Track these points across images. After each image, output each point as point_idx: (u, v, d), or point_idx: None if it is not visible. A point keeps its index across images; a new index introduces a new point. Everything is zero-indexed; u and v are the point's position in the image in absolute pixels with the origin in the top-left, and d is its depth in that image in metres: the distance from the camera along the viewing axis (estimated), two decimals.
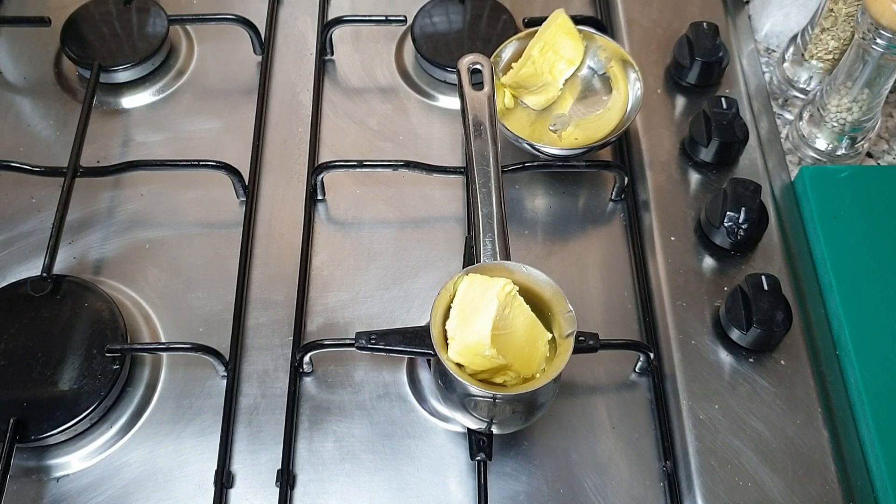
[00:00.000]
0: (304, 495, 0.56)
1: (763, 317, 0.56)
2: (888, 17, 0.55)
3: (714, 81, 0.72)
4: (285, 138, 0.72)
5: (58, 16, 0.76)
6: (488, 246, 0.52)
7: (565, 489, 0.56)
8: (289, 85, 0.76)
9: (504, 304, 0.49)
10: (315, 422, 0.58)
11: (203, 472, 0.56)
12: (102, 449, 0.57)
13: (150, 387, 0.60)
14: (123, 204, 0.68)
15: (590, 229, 0.67)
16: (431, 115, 0.74)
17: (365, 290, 0.64)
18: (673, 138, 0.69)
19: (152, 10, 0.76)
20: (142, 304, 0.63)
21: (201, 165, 0.67)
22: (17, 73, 0.77)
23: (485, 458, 0.54)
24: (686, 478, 0.55)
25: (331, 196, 0.69)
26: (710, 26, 0.71)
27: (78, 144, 0.67)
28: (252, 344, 0.62)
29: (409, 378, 0.60)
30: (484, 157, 0.54)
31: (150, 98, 0.75)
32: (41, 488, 0.56)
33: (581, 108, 0.69)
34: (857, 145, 0.68)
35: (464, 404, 0.51)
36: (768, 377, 0.58)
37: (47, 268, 0.61)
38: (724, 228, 0.61)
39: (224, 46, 0.78)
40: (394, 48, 0.78)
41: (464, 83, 0.57)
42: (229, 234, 0.66)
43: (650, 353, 0.59)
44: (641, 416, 0.58)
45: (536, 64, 0.68)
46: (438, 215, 0.68)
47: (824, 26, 0.68)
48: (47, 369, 0.57)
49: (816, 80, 0.72)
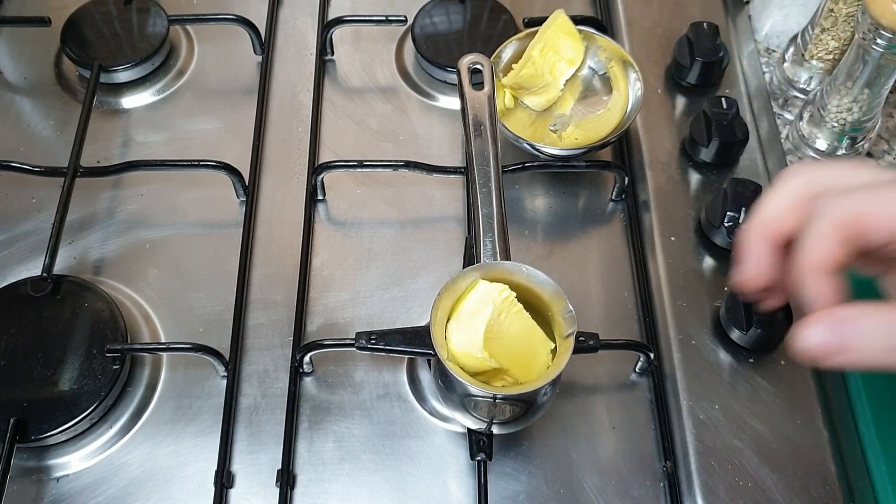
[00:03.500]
0: (304, 495, 0.56)
1: (763, 317, 0.56)
2: (888, 17, 0.55)
3: (714, 81, 0.72)
4: (285, 138, 0.72)
5: (58, 16, 0.76)
6: (488, 246, 0.52)
7: (565, 489, 0.56)
8: (289, 85, 0.76)
9: (500, 310, 0.49)
10: (315, 422, 0.58)
11: (203, 472, 0.56)
12: (102, 449, 0.57)
13: (150, 387, 0.60)
14: (123, 204, 0.68)
15: (590, 229, 0.67)
16: (431, 115, 0.74)
17: (365, 290, 0.64)
18: (673, 138, 0.69)
19: (152, 10, 0.76)
20: (142, 304, 0.63)
21: (201, 165, 0.67)
22: (17, 73, 0.77)
23: (485, 458, 0.54)
24: (686, 478, 0.55)
25: (331, 196, 0.69)
26: (710, 26, 0.71)
27: (78, 144, 0.67)
28: (252, 344, 0.62)
29: (409, 378, 0.60)
30: (484, 157, 0.54)
31: (150, 98, 0.75)
32: (41, 488, 0.56)
33: (581, 109, 0.69)
34: (858, 145, 0.68)
35: (464, 404, 0.51)
36: (768, 377, 0.58)
37: (47, 268, 0.61)
38: (725, 228, 0.61)
39: (224, 46, 0.78)
40: (394, 48, 0.78)
41: (464, 83, 0.57)
42: (229, 234, 0.67)
43: (650, 353, 0.59)
44: (641, 416, 0.58)
45: (537, 65, 0.68)
46: (438, 215, 0.68)
47: (824, 26, 0.68)
48: (47, 369, 0.57)
49: (816, 80, 0.72)
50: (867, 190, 0.38)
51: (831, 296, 0.38)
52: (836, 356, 0.36)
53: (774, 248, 0.41)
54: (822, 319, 0.37)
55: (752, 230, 0.42)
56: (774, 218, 0.41)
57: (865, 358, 0.36)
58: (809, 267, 0.38)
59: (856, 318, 0.36)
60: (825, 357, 0.36)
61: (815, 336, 0.36)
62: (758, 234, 0.42)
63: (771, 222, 0.41)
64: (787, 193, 0.41)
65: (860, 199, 0.38)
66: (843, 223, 0.37)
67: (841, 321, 0.36)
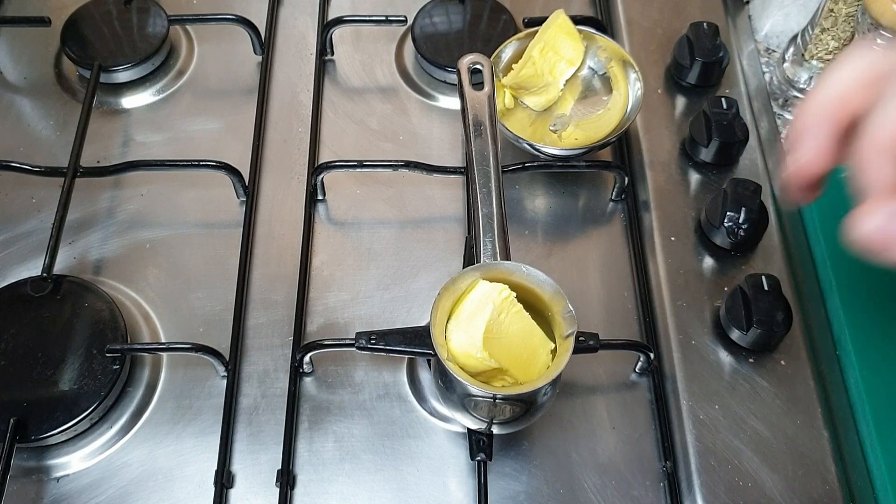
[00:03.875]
0: (304, 495, 0.56)
1: (763, 317, 0.56)
2: (888, 17, 0.55)
3: (714, 81, 0.72)
4: (285, 138, 0.72)
5: (58, 16, 0.76)
6: (488, 246, 0.52)
7: (565, 489, 0.56)
8: (289, 85, 0.76)
9: (500, 310, 0.49)
10: (315, 422, 0.58)
11: (203, 472, 0.56)
12: (102, 449, 0.57)
13: (150, 387, 0.60)
14: (123, 204, 0.68)
15: (590, 229, 0.67)
16: (431, 115, 0.74)
17: (365, 290, 0.64)
18: (673, 138, 0.69)
19: (152, 10, 0.76)
20: (142, 304, 0.63)
21: (201, 165, 0.67)
22: (17, 73, 0.77)
23: (485, 458, 0.54)
24: (686, 478, 0.55)
25: (331, 196, 0.69)
26: (710, 26, 0.71)
27: (78, 144, 0.67)
28: (252, 344, 0.62)
29: (409, 378, 0.60)
30: (484, 157, 0.54)
31: (150, 98, 0.75)
32: (41, 488, 0.56)
33: (581, 109, 0.69)
34: None
35: (464, 404, 0.51)
36: (768, 377, 0.58)
37: (47, 268, 0.61)
38: (725, 228, 0.61)
39: (224, 46, 0.78)
40: (394, 48, 0.78)
41: (464, 83, 0.57)
42: (229, 234, 0.67)
43: (650, 353, 0.59)
44: (641, 416, 0.58)
45: (537, 65, 0.68)
46: (438, 215, 0.68)
47: (824, 26, 0.68)
48: (47, 369, 0.57)
49: (816, 80, 0.72)
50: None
51: (895, 181, 0.34)
52: (894, 247, 0.33)
53: (837, 130, 0.37)
54: (883, 205, 0.33)
55: (813, 108, 0.37)
56: (840, 95, 0.37)
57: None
58: (876, 146, 0.34)
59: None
60: (881, 246, 0.33)
61: (874, 223, 0.33)
62: (820, 113, 0.37)
63: (836, 100, 0.37)
64: (853, 70, 0.37)
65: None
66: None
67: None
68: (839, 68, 0.37)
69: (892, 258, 0.33)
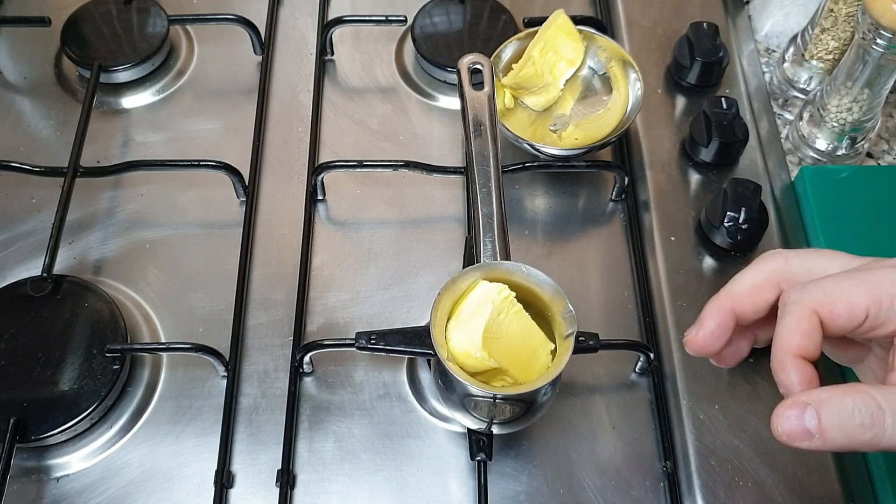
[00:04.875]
0: (304, 495, 0.56)
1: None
2: (888, 17, 0.55)
3: (714, 81, 0.72)
4: (285, 138, 0.72)
5: (58, 16, 0.76)
6: (488, 246, 0.52)
7: (565, 489, 0.56)
8: (289, 85, 0.76)
9: (499, 310, 0.49)
10: (315, 422, 0.58)
11: (203, 472, 0.56)
12: (102, 449, 0.57)
13: (150, 387, 0.60)
14: (123, 204, 0.69)
15: (590, 229, 0.67)
16: (431, 115, 0.74)
17: (365, 290, 0.64)
18: (673, 138, 0.69)
19: (152, 10, 0.76)
20: (142, 304, 0.63)
21: (201, 165, 0.67)
22: (17, 73, 0.77)
23: (485, 458, 0.54)
24: (686, 478, 0.55)
25: (331, 196, 0.69)
26: (710, 26, 0.71)
27: (78, 144, 0.67)
28: (252, 344, 0.62)
29: (409, 378, 0.60)
30: (484, 157, 0.54)
31: (150, 98, 0.75)
32: (41, 488, 0.56)
33: (581, 109, 0.69)
34: (858, 145, 0.68)
35: (464, 404, 0.51)
36: (768, 377, 0.57)
37: (47, 268, 0.61)
38: (725, 228, 0.61)
39: (224, 46, 0.78)
40: (394, 48, 0.78)
41: (464, 83, 0.57)
42: (229, 234, 0.67)
43: (650, 353, 0.59)
44: (641, 416, 0.58)
45: (537, 65, 0.68)
46: (438, 215, 0.68)
47: (824, 26, 0.68)
48: (47, 369, 0.57)
49: (816, 80, 0.72)
50: (832, 278, 0.40)
51: (807, 380, 0.39)
52: (810, 440, 0.37)
53: (732, 322, 0.44)
54: (796, 404, 0.38)
55: (719, 300, 0.44)
56: (742, 293, 0.44)
57: (838, 439, 0.37)
58: (784, 352, 0.40)
59: (828, 400, 0.37)
60: (800, 440, 0.38)
61: (790, 421, 0.38)
62: (723, 305, 0.44)
63: (738, 296, 0.44)
64: (759, 274, 0.44)
65: (825, 287, 0.40)
66: (812, 311, 0.39)
67: (816, 404, 0.37)
68: (750, 270, 0.44)
69: (803, 448, 0.38)
